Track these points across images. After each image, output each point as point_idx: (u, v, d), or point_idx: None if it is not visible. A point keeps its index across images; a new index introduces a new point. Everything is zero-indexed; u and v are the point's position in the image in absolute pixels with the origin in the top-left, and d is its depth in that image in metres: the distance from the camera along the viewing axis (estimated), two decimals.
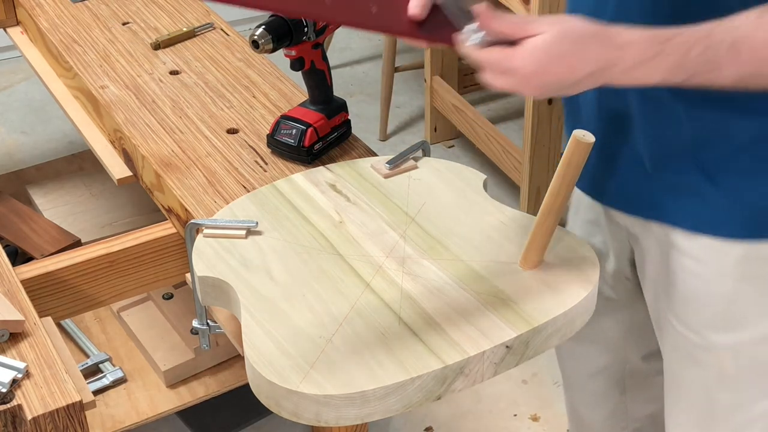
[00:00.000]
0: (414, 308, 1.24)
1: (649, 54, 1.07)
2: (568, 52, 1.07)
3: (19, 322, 1.36)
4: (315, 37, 1.60)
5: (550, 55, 1.07)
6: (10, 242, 2.25)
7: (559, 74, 1.08)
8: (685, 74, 1.07)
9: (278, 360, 1.16)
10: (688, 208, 1.25)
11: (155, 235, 1.65)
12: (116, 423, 1.89)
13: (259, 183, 1.58)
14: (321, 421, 1.14)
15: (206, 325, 1.53)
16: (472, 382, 1.19)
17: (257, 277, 1.30)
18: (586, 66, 1.07)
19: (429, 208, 1.42)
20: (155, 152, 1.69)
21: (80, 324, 2.14)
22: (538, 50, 1.07)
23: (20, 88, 3.52)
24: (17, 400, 1.26)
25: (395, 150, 1.54)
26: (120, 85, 1.88)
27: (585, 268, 1.30)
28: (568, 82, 1.09)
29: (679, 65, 1.07)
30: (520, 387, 2.33)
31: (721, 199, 1.22)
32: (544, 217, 1.26)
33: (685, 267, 1.28)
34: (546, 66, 1.07)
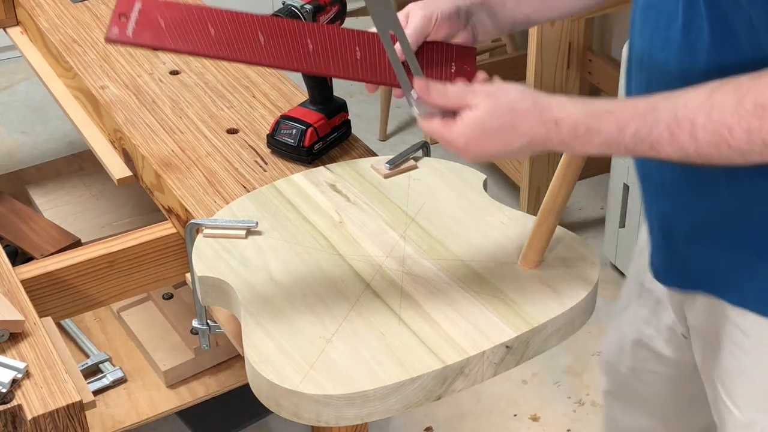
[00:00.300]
0: (414, 308, 1.24)
1: (580, 131, 1.07)
2: (501, 126, 1.10)
3: (19, 322, 1.36)
4: None
5: (484, 129, 1.10)
6: (10, 242, 2.25)
7: (495, 146, 1.11)
8: (622, 150, 1.07)
9: (278, 360, 1.16)
10: (735, 282, 1.20)
11: (155, 235, 1.65)
12: (116, 423, 1.89)
13: (259, 183, 1.58)
14: (321, 421, 1.14)
15: (206, 325, 1.53)
16: (472, 382, 1.19)
17: (257, 277, 1.30)
18: (520, 139, 1.10)
19: (429, 208, 1.42)
20: (155, 152, 1.69)
21: (80, 324, 2.14)
22: (472, 124, 1.11)
23: (20, 88, 3.52)
24: (17, 400, 1.26)
25: (395, 150, 1.54)
26: (120, 85, 1.88)
27: (585, 267, 1.30)
28: (504, 152, 1.12)
29: (612, 142, 1.06)
30: (520, 387, 2.33)
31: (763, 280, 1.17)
32: (544, 217, 1.26)
33: (734, 337, 1.23)
34: (480, 139, 1.11)
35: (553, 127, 1.09)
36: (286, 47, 1.25)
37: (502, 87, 1.13)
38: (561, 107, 1.09)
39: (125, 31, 1.21)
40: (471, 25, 1.30)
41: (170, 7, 1.25)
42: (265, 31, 1.26)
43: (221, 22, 1.25)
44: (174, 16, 1.24)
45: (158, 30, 1.22)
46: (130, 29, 1.21)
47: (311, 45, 1.26)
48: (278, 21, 1.27)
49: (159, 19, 1.23)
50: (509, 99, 1.11)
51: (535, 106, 1.10)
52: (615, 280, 2.61)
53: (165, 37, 1.22)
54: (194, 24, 1.24)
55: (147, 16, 1.23)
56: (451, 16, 1.27)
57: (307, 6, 1.58)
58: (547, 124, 1.09)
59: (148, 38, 1.21)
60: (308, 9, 1.58)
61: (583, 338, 2.44)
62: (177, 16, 1.24)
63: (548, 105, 1.10)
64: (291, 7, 1.58)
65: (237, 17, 1.26)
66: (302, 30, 1.27)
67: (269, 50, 1.24)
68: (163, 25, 1.22)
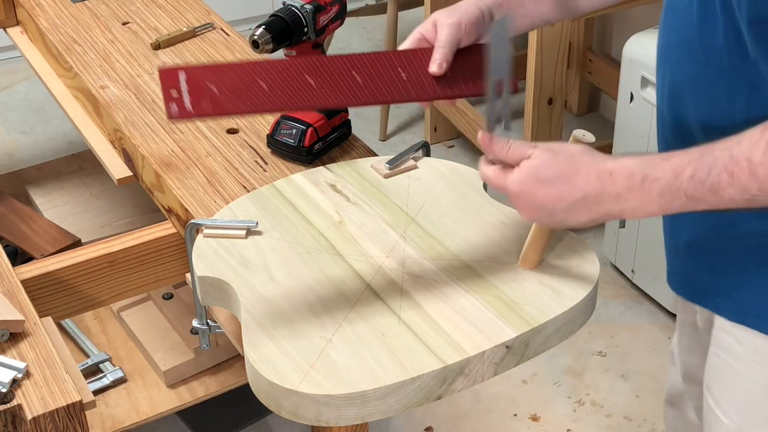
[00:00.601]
0: (414, 308, 1.24)
1: (636, 180, 1.05)
2: (556, 176, 1.08)
3: (19, 322, 1.36)
4: (315, 37, 1.60)
5: (538, 178, 1.09)
6: (10, 242, 2.25)
7: (548, 198, 1.10)
8: (683, 198, 1.03)
9: (278, 360, 1.16)
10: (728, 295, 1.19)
11: (155, 235, 1.65)
12: (116, 423, 1.89)
13: (259, 183, 1.58)
14: (321, 421, 1.14)
15: (206, 325, 1.53)
16: (472, 382, 1.19)
17: (257, 277, 1.30)
18: (574, 193, 1.08)
19: (429, 208, 1.42)
20: (155, 152, 1.69)
21: (80, 324, 2.14)
22: (527, 171, 1.10)
23: (20, 88, 3.52)
24: (17, 400, 1.26)
25: (395, 150, 1.54)
26: (120, 85, 1.88)
27: (585, 268, 1.30)
28: (558, 207, 1.10)
29: (671, 188, 1.03)
30: (520, 387, 2.33)
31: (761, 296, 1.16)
32: None
33: (726, 345, 1.22)
34: (535, 188, 1.10)
35: (608, 179, 1.06)
36: (337, 84, 1.26)
37: (562, 144, 1.12)
38: (616, 159, 1.07)
39: (184, 106, 1.20)
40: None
41: (214, 70, 1.23)
42: (312, 73, 1.25)
43: (268, 74, 1.24)
44: (222, 78, 1.23)
45: (214, 97, 1.21)
46: (188, 103, 1.20)
47: (359, 77, 1.26)
48: (320, 59, 1.27)
49: (209, 85, 1.22)
50: (568, 152, 1.10)
51: (592, 160, 1.08)
52: (615, 280, 2.61)
53: (223, 103, 1.21)
54: (244, 82, 1.23)
55: (196, 85, 1.21)
56: (478, 21, 1.29)
57: (307, 6, 1.58)
58: (602, 177, 1.07)
59: (209, 108, 1.20)
60: (308, 9, 1.58)
61: (583, 338, 2.44)
62: (225, 78, 1.23)
63: (604, 158, 1.08)
64: (291, 7, 1.58)
65: (280, 65, 1.26)
66: (346, 63, 1.27)
67: (323, 91, 1.25)
68: (216, 91, 1.21)
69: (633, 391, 2.31)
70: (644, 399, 2.29)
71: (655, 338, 2.44)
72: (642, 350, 2.41)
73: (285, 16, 1.56)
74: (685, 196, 1.03)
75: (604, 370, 2.37)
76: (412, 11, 3.63)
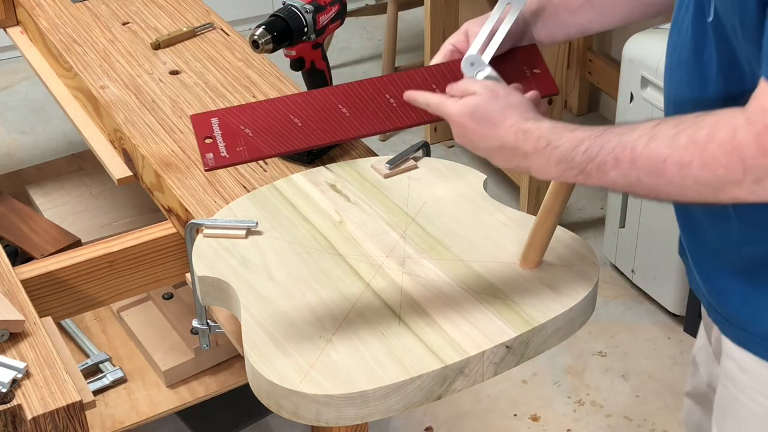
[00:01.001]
0: (414, 308, 1.24)
1: (541, 143, 1.10)
2: (486, 119, 1.15)
3: (19, 322, 1.36)
4: (315, 37, 1.60)
5: (473, 115, 1.15)
6: (10, 242, 2.25)
7: (475, 137, 1.16)
8: (576, 169, 1.08)
9: (278, 360, 1.16)
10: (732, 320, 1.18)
11: (155, 235, 1.65)
12: (116, 423, 1.89)
13: (259, 183, 1.58)
14: (321, 421, 1.14)
15: (206, 325, 1.53)
16: (472, 382, 1.19)
17: (257, 277, 1.30)
18: (496, 139, 1.14)
19: (429, 208, 1.42)
20: (155, 152, 1.69)
21: (80, 324, 2.14)
22: (465, 106, 1.16)
23: (20, 88, 3.52)
24: (17, 400, 1.26)
25: (395, 150, 1.54)
26: (120, 85, 1.88)
27: (585, 267, 1.30)
28: (481, 147, 1.16)
29: (567, 158, 1.08)
30: (520, 387, 2.33)
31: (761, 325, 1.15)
32: (544, 217, 1.26)
33: (729, 372, 1.20)
34: (468, 124, 1.16)
35: (522, 136, 1.11)
36: (371, 110, 1.25)
37: (509, 89, 1.16)
38: (537, 120, 1.12)
39: (219, 153, 1.19)
40: (528, 33, 1.31)
41: (246, 111, 1.22)
42: (345, 101, 1.25)
43: (301, 109, 1.24)
44: (255, 120, 1.22)
45: (248, 141, 1.20)
46: (223, 149, 1.20)
47: (392, 100, 1.25)
48: (350, 86, 1.26)
49: (242, 128, 1.21)
50: (506, 101, 1.14)
51: (520, 114, 1.13)
52: (615, 280, 2.61)
53: (259, 146, 1.20)
54: (277, 120, 1.23)
55: (230, 130, 1.21)
56: (511, 29, 1.28)
57: (308, 6, 1.58)
58: (518, 133, 1.12)
59: (245, 154, 1.20)
60: (308, 9, 1.58)
61: (583, 338, 2.44)
62: (258, 119, 1.22)
63: (529, 116, 1.13)
64: (291, 7, 1.58)
65: (311, 98, 1.25)
66: (377, 87, 1.26)
67: (357, 120, 1.24)
68: (250, 134, 1.21)
69: (633, 391, 2.31)
70: (644, 399, 2.29)
71: (655, 338, 2.44)
72: (642, 350, 2.42)
73: (285, 16, 1.56)
74: (577, 168, 1.08)
75: (604, 370, 2.37)
76: (412, 11, 3.63)
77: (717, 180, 0.98)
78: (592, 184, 1.09)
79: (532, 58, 1.31)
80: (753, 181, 0.97)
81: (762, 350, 1.14)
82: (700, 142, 0.98)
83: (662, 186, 1.03)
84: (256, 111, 1.23)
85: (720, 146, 0.97)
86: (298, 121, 1.23)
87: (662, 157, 1.01)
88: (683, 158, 0.99)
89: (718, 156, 0.97)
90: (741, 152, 0.96)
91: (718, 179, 0.98)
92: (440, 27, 2.99)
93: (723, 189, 0.99)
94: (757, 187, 0.97)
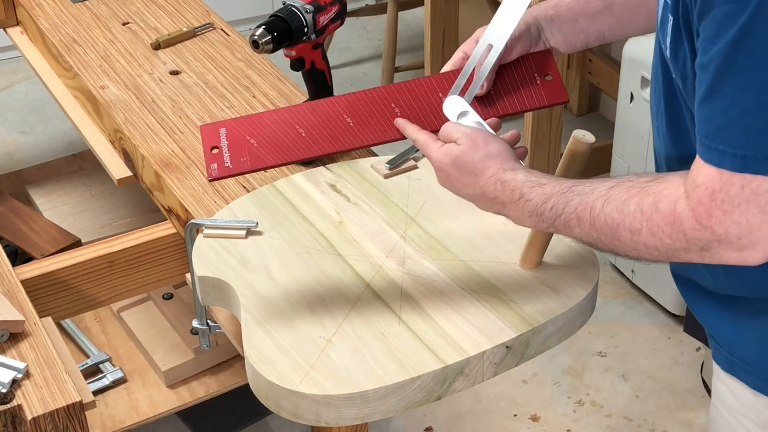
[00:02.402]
0: (414, 308, 1.24)
1: (516, 195, 1.12)
2: (467, 169, 1.16)
3: (19, 322, 1.36)
4: (315, 38, 1.60)
5: (454, 164, 1.17)
6: (10, 242, 2.25)
7: (457, 182, 1.17)
8: (546, 223, 1.11)
9: (278, 360, 1.16)
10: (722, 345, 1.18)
11: (155, 235, 1.65)
12: (116, 423, 1.89)
13: (259, 183, 1.58)
14: (321, 421, 1.14)
15: (206, 325, 1.53)
16: (472, 382, 1.19)
17: (257, 277, 1.30)
18: (475, 188, 1.16)
19: (429, 208, 1.42)
20: (155, 152, 1.69)
21: (80, 324, 2.14)
22: (447, 154, 1.17)
23: (20, 88, 3.52)
24: (17, 400, 1.26)
25: (395, 150, 1.54)
26: (120, 85, 1.88)
27: (585, 268, 1.30)
28: (463, 192, 1.18)
29: (538, 212, 1.10)
30: (520, 387, 2.33)
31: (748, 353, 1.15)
32: None
33: (720, 395, 1.20)
34: (450, 171, 1.17)
35: (500, 187, 1.14)
36: (376, 120, 1.26)
37: (487, 139, 1.17)
38: (514, 171, 1.14)
39: (224, 164, 1.21)
40: (544, 40, 1.30)
41: (253, 121, 1.24)
42: (350, 111, 1.26)
43: (306, 119, 1.25)
44: (261, 131, 1.24)
45: (253, 151, 1.22)
46: (227, 160, 1.22)
47: (398, 109, 1.26)
48: (356, 96, 1.26)
49: (248, 138, 1.23)
50: (486, 151, 1.16)
51: (499, 165, 1.15)
52: (615, 280, 2.61)
53: (263, 156, 1.22)
54: (283, 131, 1.24)
55: (236, 140, 1.23)
56: (522, 36, 1.28)
57: (308, 6, 1.58)
58: (497, 184, 1.14)
59: (249, 164, 1.22)
60: (308, 9, 1.58)
61: (583, 338, 2.44)
62: (264, 129, 1.24)
63: (507, 167, 1.14)
64: (291, 7, 1.58)
65: (317, 108, 1.26)
66: (383, 96, 1.27)
67: (361, 130, 1.25)
68: (255, 144, 1.22)
69: (633, 391, 2.31)
70: (644, 399, 2.29)
71: (655, 338, 2.44)
72: (642, 350, 2.41)
73: (285, 16, 1.56)
74: (547, 222, 1.10)
75: (604, 370, 2.37)
76: (412, 11, 3.63)
77: (666, 247, 1.01)
78: (564, 235, 1.11)
79: (545, 65, 1.31)
80: (699, 249, 0.99)
81: (750, 378, 1.15)
82: (647, 211, 1.01)
83: (620, 247, 1.05)
84: (263, 121, 1.24)
85: (663, 217, 1.00)
86: (302, 131, 1.24)
87: (615, 222, 1.03)
88: (633, 225, 1.02)
89: (662, 226, 1.00)
90: (681, 225, 0.98)
91: (666, 247, 1.01)
92: (440, 27, 2.99)
93: (674, 254, 1.02)
94: (706, 254, 0.99)
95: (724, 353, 1.17)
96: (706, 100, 0.96)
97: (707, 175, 0.95)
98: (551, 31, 1.30)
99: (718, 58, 0.93)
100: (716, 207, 0.95)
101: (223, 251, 1.35)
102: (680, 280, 1.23)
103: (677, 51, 1.04)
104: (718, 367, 1.19)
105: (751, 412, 1.16)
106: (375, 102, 1.26)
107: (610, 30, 1.31)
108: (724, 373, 1.18)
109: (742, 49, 0.91)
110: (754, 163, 0.93)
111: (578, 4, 1.29)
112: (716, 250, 0.98)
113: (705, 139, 0.96)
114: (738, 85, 0.93)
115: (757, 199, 0.93)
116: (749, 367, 1.14)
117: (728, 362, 1.16)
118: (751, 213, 0.94)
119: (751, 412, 1.16)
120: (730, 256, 0.98)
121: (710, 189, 0.95)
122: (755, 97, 0.92)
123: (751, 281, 1.09)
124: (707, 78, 0.95)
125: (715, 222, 0.95)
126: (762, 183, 0.93)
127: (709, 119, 0.96)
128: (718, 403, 1.21)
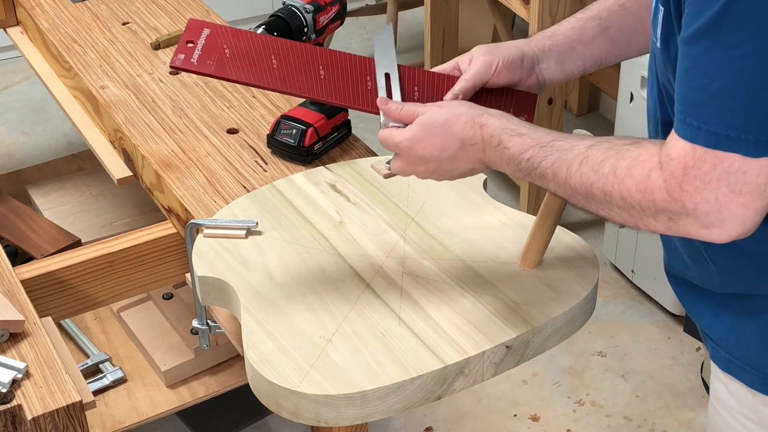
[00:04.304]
0: (414, 308, 1.24)
1: (494, 141, 1.12)
2: (440, 125, 1.16)
3: (19, 322, 1.36)
4: (315, 37, 1.60)
5: (425, 128, 1.16)
6: (10, 242, 2.25)
7: (433, 148, 1.16)
8: (522, 172, 1.11)
9: (278, 360, 1.16)
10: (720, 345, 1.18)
11: (155, 235, 1.65)
12: (116, 423, 1.89)
13: (259, 183, 1.58)
14: (321, 421, 1.14)
15: (206, 325, 1.53)
16: (472, 382, 1.19)
17: (257, 277, 1.30)
18: (454, 141, 1.15)
19: (429, 208, 1.42)
20: (155, 152, 1.69)
21: (80, 324, 2.14)
22: (416, 126, 1.17)
23: (20, 88, 3.52)
24: (17, 400, 1.26)
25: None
26: (120, 85, 1.88)
27: (585, 268, 1.30)
28: (443, 156, 1.16)
29: (515, 161, 1.11)
30: (520, 387, 2.33)
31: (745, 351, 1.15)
32: (544, 217, 1.26)
33: (718, 394, 1.21)
34: (423, 139, 1.16)
35: (479, 129, 1.13)
36: (347, 84, 1.27)
37: (451, 102, 1.18)
38: (490, 116, 1.14)
39: (190, 58, 1.23)
40: (538, 72, 1.30)
41: (237, 35, 1.26)
42: (326, 65, 1.26)
43: (284, 54, 1.26)
44: (239, 45, 1.25)
45: (222, 59, 1.23)
46: (196, 57, 1.23)
47: (369, 82, 1.27)
48: (342, 56, 1.28)
49: (224, 47, 1.24)
50: (452, 105, 1.17)
51: (471, 109, 1.15)
52: (615, 280, 2.61)
53: (228, 68, 1.23)
54: (258, 55, 1.25)
55: (213, 44, 1.24)
56: (513, 64, 1.28)
57: (308, 6, 1.58)
58: (475, 126, 1.14)
59: (212, 68, 1.23)
60: (308, 9, 1.58)
61: (583, 338, 2.44)
62: (242, 45, 1.25)
63: (480, 112, 1.15)
64: (291, 7, 1.58)
65: (301, 49, 1.27)
66: (363, 66, 1.28)
67: (329, 86, 1.26)
68: (227, 54, 1.24)
69: (633, 391, 2.31)
70: (644, 399, 2.29)
71: (655, 338, 2.44)
72: (642, 350, 2.41)
73: (285, 16, 1.57)
74: (524, 172, 1.11)
75: (604, 370, 2.37)
76: (412, 11, 3.63)
77: (634, 211, 1.02)
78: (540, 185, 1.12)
79: (526, 106, 1.31)
80: (667, 219, 1.00)
81: (748, 377, 1.15)
82: (620, 174, 1.02)
83: (593, 206, 1.07)
84: (244, 38, 1.26)
85: (635, 183, 1.00)
86: (275, 63, 1.25)
87: (590, 181, 1.04)
88: (606, 186, 1.03)
89: (633, 192, 1.01)
90: (652, 194, 0.99)
91: (635, 211, 1.02)
92: (440, 27, 2.99)
93: (641, 220, 1.02)
94: (672, 225, 1.00)
95: (721, 353, 1.17)
96: (686, 75, 0.96)
97: (681, 149, 0.96)
98: (547, 63, 1.31)
99: (699, 34, 0.94)
100: (688, 182, 0.96)
101: (223, 251, 1.35)
102: (675, 280, 1.23)
103: (668, 42, 1.04)
104: (716, 367, 1.19)
105: (750, 411, 1.16)
106: (355, 67, 1.28)
107: (608, 54, 1.32)
108: (723, 373, 1.18)
109: (723, 26, 0.92)
110: (727, 141, 0.93)
111: (574, 32, 1.30)
112: (683, 223, 0.98)
113: (681, 114, 0.97)
114: (717, 62, 0.93)
115: (728, 178, 0.94)
116: (747, 366, 1.14)
117: (726, 361, 1.16)
118: (721, 191, 0.95)
119: (750, 411, 1.16)
120: (696, 231, 0.98)
121: (683, 164, 0.96)
122: (734, 75, 0.92)
123: (743, 276, 1.10)
124: (687, 53, 0.96)
125: (686, 196, 0.96)
126: (734, 162, 0.93)
127: (687, 95, 0.96)
128: (717, 402, 1.21)
